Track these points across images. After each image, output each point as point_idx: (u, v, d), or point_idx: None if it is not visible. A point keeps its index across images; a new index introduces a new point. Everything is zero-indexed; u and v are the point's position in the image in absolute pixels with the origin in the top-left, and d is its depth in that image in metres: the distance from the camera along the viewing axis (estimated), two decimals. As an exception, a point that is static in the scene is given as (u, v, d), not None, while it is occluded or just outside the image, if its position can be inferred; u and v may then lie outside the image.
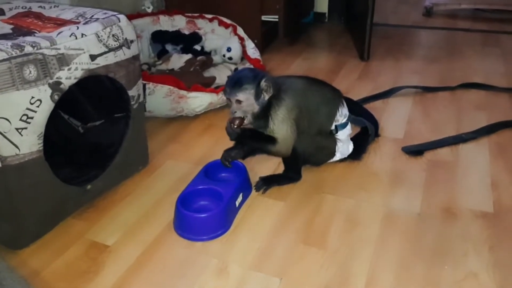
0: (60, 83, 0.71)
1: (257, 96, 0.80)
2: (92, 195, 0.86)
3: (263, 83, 0.80)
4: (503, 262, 0.72)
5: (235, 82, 0.81)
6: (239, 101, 0.81)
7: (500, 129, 1.10)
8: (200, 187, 0.84)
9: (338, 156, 0.95)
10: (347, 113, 0.92)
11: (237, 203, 0.84)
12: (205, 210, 0.81)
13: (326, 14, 2.02)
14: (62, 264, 0.73)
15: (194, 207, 0.83)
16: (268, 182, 0.91)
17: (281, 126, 0.83)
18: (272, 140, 0.84)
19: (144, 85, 1.09)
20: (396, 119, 1.17)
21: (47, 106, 0.70)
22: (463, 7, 2.08)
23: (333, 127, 0.91)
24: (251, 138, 0.85)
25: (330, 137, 0.92)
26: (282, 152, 0.87)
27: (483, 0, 2.08)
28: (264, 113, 0.82)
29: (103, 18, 0.79)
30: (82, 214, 0.85)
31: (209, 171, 0.89)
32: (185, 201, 0.81)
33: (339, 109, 0.90)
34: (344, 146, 0.94)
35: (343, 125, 0.92)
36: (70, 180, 0.81)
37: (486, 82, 1.35)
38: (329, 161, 0.96)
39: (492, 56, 1.60)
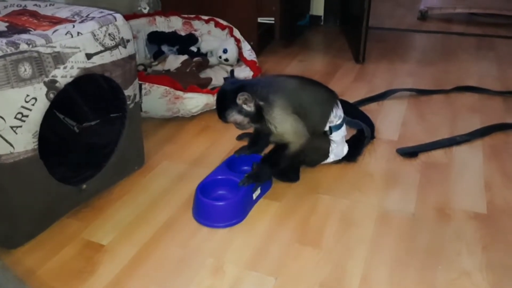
0: (55, 81, 0.71)
1: (241, 111, 0.82)
2: (88, 194, 0.86)
3: (238, 100, 0.81)
4: (496, 262, 0.72)
5: (218, 109, 0.84)
6: (231, 122, 0.84)
7: (494, 132, 1.11)
8: (219, 177, 0.85)
9: (332, 158, 0.95)
10: (342, 114, 0.93)
11: (254, 196, 0.85)
12: (222, 199, 0.83)
13: (322, 17, 2.03)
14: (57, 264, 0.73)
15: (212, 195, 0.85)
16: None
17: (283, 125, 0.84)
18: (283, 146, 0.85)
19: (140, 85, 1.09)
20: (391, 121, 1.18)
21: (42, 105, 0.70)
22: (458, 11, 2.11)
23: (327, 128, 0.91)
24: (270, 168, 0.86)
25: (324, 138, 0.92)
26: (301, 144, 0.85)
27: (477, 4, 2.10)
28: (262, 116, 0.83)
29: (99, 17, 0.79)
30: (77, 213, 0.84)
31: (232, 163, 0.91)
32: (204, 189, 0.83)
33: (334, 110, 0.90)
34: (338, 147, 0.94)
35: (338, 127, 0.92)
36: (66, 179, 0.81)
37: (480, 85, 1.36)
38: (323, 162, 0.97)
39: (486, 59, 1.62)
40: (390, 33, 1.95)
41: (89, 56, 0.76)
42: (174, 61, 1.37)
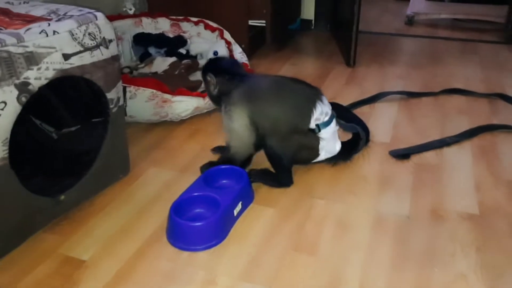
0: (28, 83, 0.66)
1: (207, 83, 0.92)
2: (66, 206, 0.80)
3: (207, 77, 0.91)
4: (490, 262, 0.72)
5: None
6: None
7: (482, 133, 1.13)
8: (195, 194, 0.80)
9: (323, 155, 0.93)
10: (329, 111, 0.90)
11: (235, 212, 0.80)
12: (199, 219, 0.77)
13: (313, 21, 2.04)
14: (31, 282, 0.67)
15: (188, 215, 0.78)
16: (254, 175, 0.89)
17: (228, 122, 0.87)
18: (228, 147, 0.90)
19: (124, 88, 1.04)
20: (383, 124, 1.18)
21: (13, 109, 0.65)
22: (443, 16, 2.16)
23: (313, 126, 0.88)
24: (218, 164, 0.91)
25: (310, 136, 0.89)
26: (237, 149, 0.89)
27: (461, 10, 2.16)
28: (222, 106, 0.89)
29: (78, 15, 0.74)
30: (55, 227, 0.78)
31: (209, 177, 0.85)
32: (179, 209, 0.76)
33: (317, 108, 0.87)
34: (329, 144, 0.92)
35: (326, 124, 0.89)
36: (42, 190, 0.75)
37: (466, 88, 1.39)
38: (316, 160, 0.94)
39: (471, 63, 1.66)
40: (379, 37, 1.98)
41: (66, 56, 0.71)
42: (161, 64, 1.33)
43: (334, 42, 1.85)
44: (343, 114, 0.95)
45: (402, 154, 1.02)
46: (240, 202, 0.81)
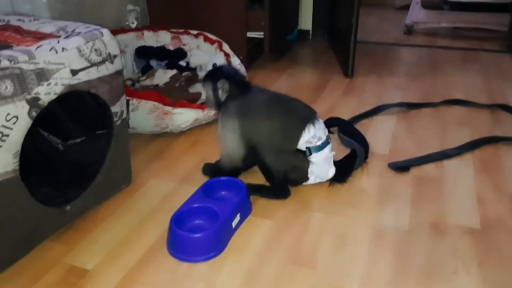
0: (38, 99, 0.68)
1: (216, 90, 0.92)
2: (72, 216, 0.82)
3: (218, 84, 0.91)
4: (492, 279, 0.71)
5: (207, 73, 0.95)
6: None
7: (483, 145, 1.12)
8: (195, 205, 0.81)
9: (313, 179, 0.93)
10: (323, 136, 0.90)
11: (233, 224, 0.81)
12: (198, 230, 0.78)
13: (310, 32, 2.05)
14: (38, 291, 0.69)
15: (188, 226, 0.80)
16: (250, 188, 0.89)
17: (221, 132, 0.91)
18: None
19: (127, 101, 1.06)
20: (382, 136, 1.18)
21: (24, 123, 0.67)
22: (443, 25, 2.16)
23: (302, 148, 0.89)
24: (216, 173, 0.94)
25: (299, 156, 0.89)
26: (224, 158, 0.93)
27: (461, 19, 2.16)
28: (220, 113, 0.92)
29: (85, 32, 0.77)
30: (61, 236, 0.80)
31: (208, 188, 0.87)
32: (179, 220, 0.78)
33: (309, 130, 0.87)
34: (320, 169, 0.91)
35: (318, 148, 0.89)
36: (48, 200, 0.77)
37: (467, 98, 1.38)
38: (306, 183, 0.94)
39: (472, 73, 1.65)
40: (377, 47, 1.98)
41: (74, 72, 0.73)
42: (162, 76, 1.36)
43: (331, 52, 1.86)
44: (345, 128, 0.94)
45: (402, 167, 1.02)
46: (239, 214, 0.83)
